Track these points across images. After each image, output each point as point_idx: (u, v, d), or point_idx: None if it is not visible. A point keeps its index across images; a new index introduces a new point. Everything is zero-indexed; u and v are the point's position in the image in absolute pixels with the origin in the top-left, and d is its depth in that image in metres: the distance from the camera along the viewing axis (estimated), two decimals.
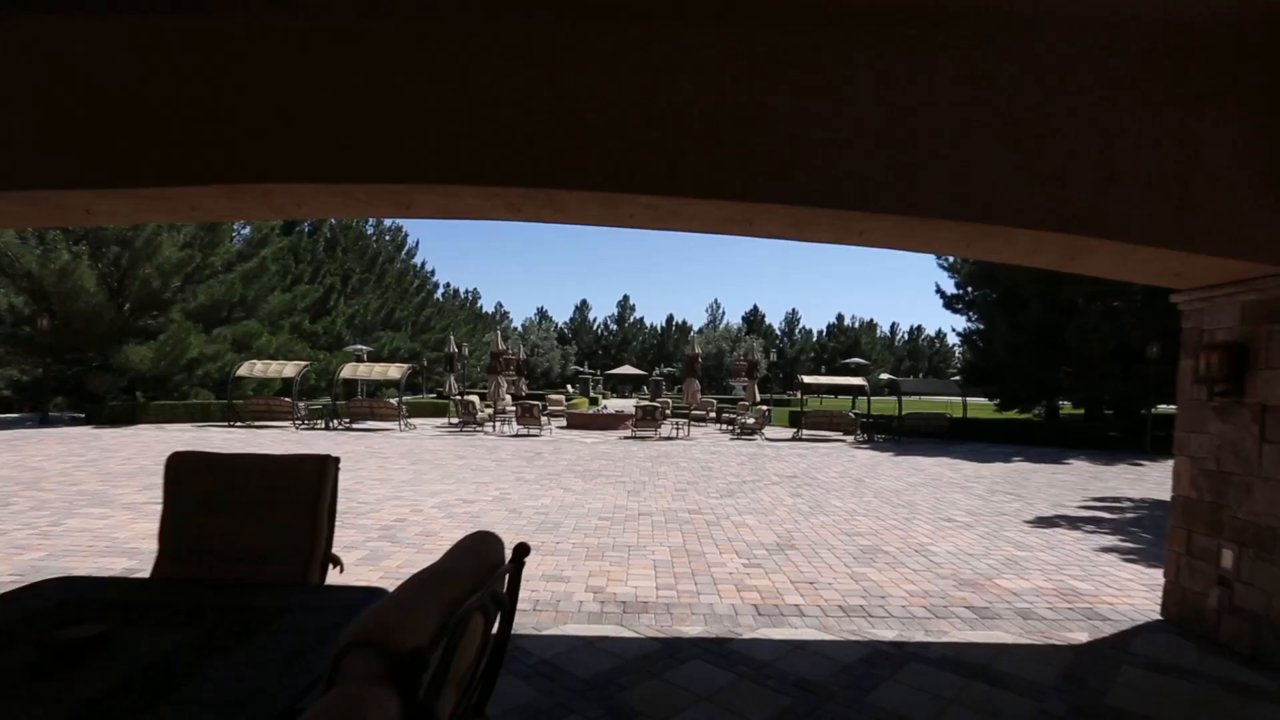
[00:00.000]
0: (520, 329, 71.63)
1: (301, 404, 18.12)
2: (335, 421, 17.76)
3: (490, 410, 17.87)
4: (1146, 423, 16.45)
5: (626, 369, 60.46)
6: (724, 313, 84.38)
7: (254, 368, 17.85)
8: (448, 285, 67.71)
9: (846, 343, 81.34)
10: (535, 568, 5.15)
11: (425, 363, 42.75)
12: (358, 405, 17.57)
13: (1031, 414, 25.06)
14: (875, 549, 6.03)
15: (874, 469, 12.01)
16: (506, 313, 78.19)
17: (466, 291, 70.87)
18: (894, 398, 20.53)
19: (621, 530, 6.53)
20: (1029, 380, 20.25)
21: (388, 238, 44.15)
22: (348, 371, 17.61)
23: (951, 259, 26.24)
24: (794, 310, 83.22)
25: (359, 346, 20.60)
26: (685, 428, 18.20)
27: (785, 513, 7.66)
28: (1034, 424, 18.46)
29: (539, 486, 9.12)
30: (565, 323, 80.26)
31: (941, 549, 6.10)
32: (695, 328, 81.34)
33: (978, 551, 6.03)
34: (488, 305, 75.96)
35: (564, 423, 21.09)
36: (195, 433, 15.74)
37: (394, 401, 17.31)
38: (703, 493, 8.93)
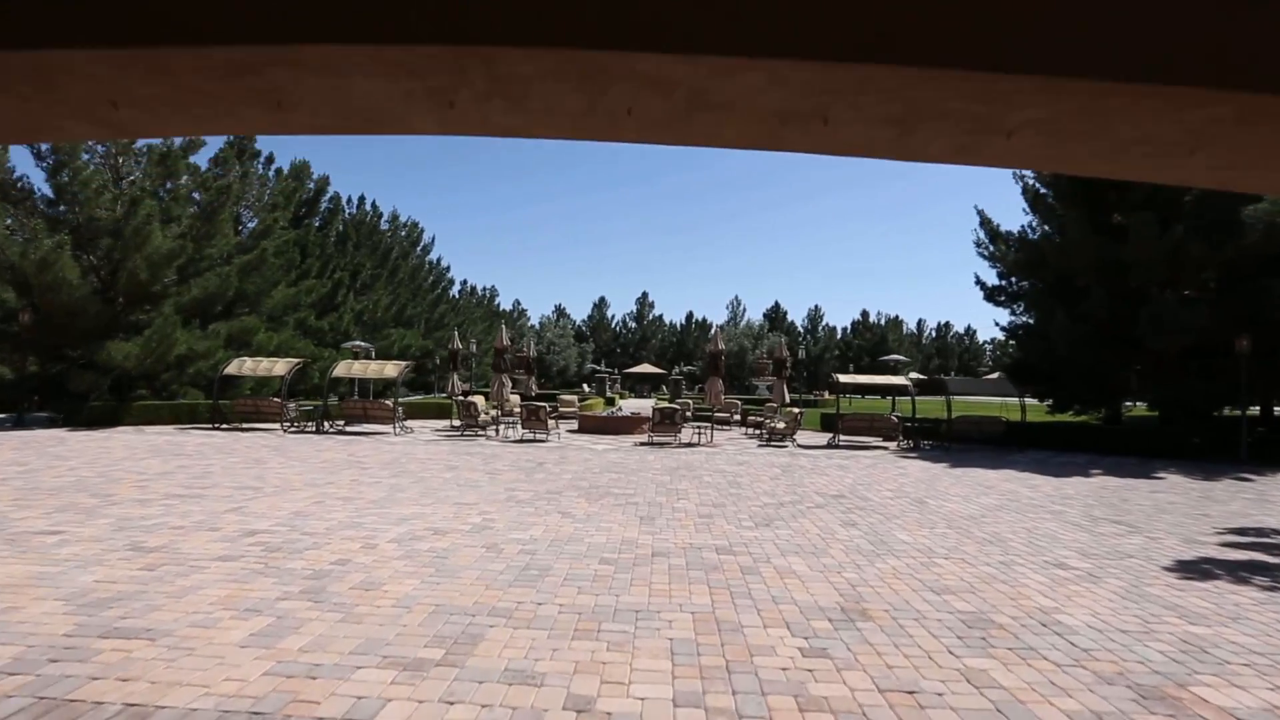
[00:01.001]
0: (537, 326, 70.45)
1: (292, 405, 16.83)
2: (328, 424, 16.43)
3: (495, 412, 16.40)
4: (1241, 427, 14.30)
5: (645, 368, 58.87)
6: (745, 309, 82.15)
7: (243, 365, 16.60)
8: (464, 282, 66.74)
9: (873, 340, 78.67)
10: (497, 655, 3.53)
11: (438, 361, 41.66)
12: (351, 406, 16.21)
13: (1088, 417, 22.86)
14: (982, 619, 4.30)
15: (933, 486, 10.20)
16: (525, 310, 77.12)
17: (484, 289, 69.99)
18: (927, 399, 18.57)
19: (628, 582, 4.89)
20: (1090, 379, 18.11)
21: (403, 233, 43.14)
22: (341, 370, 16.27)
23: (993, 247, 24.18)
24: (817, 307, 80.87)
25: (358, 343, 19.27)
26: (708, 432, 16.52)
27: (841, 552, 5.94)
28: (1101, 429, 16.41)
29: (532, 509, 7.53)
30: (583, 320, 78.95)
31: (1077, 619, 4.34)
32: (715, 324, 79.32)
33: (1132, 626, 4.26)
34: (505, 303, 75.02)
35: (575, 426, 19.53)
36: (172, 436, 14.49)
37: (389, 403, 15.92)
38: (732, 520, 7.25)
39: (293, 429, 16.44)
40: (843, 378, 16.26)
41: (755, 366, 51.30)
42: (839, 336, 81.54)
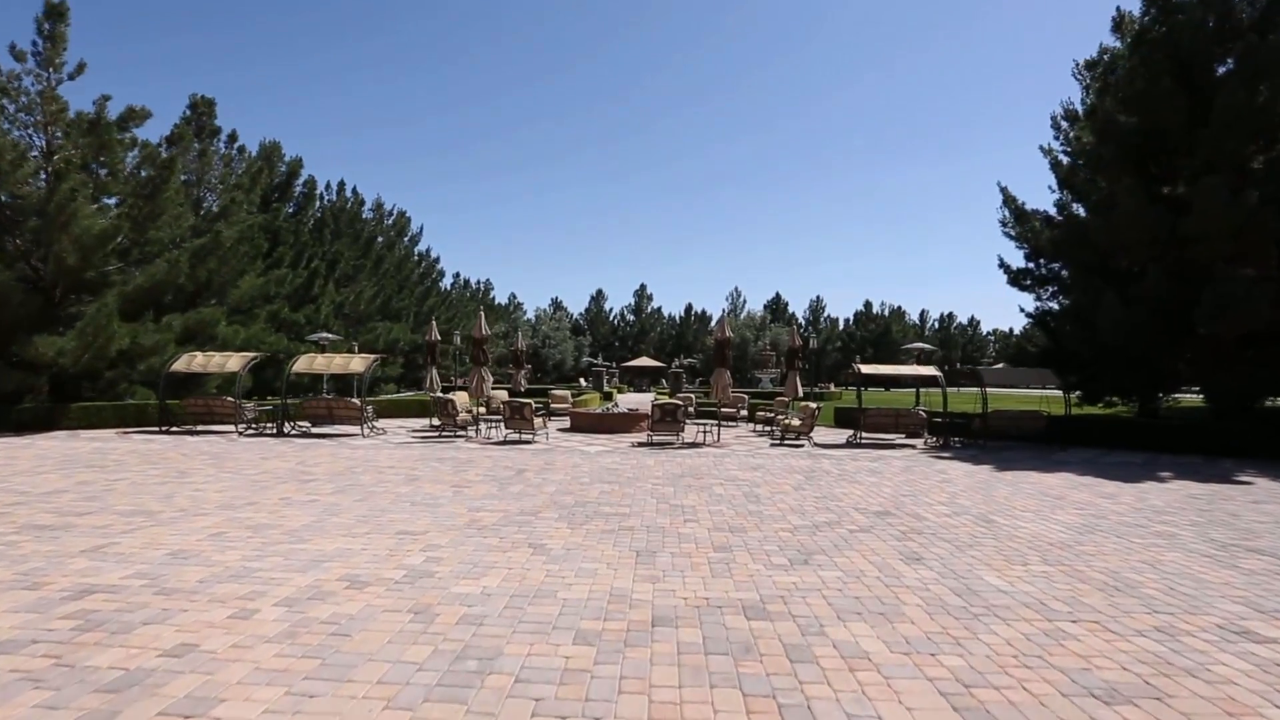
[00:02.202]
0: (532, 319, 68.63)
1: (250, 404, 15.06)
2: (289, 425, 14.65)
3: (476, 410, 14.61)
4: None
5: (644, 361, 57.08)
6: (745, 301, 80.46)
7: (192, 361, 14.79)
8: (457, 275, 64.94)
9: (876, 331, 76.89)
10: None
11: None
12: (314, 405, 14.43)
13: (1124, 409, 21.16)
14: None
15: (990, 496, 8.45)
16: (520, 304, 75.23)
17: (478, 282, 68.08)
18: (932, 390, 16.85)
19: (614, 684, 3.13)
20: (1138, 368, 16.35)
21: (389, 221, 41.23)
22: (302, 365, 14.47)
23: (1019, 227, 22.38)
24: (818, 298, 79.02)
25: (325, 335, 17.43)
26: (714, 430, 14.77)
27: (921, 612, 4.19)
28: (1150, 424, 14.66)
29: (496, 540, 5.77)
30: (580, 314, 77.08)
31: None
32: (715, 317, 77.65)
33: None
34: (501, 296, 73.10)
35: (567, 423, 17.78)
36: (106, 442, 12.70)
37: (356, 401, 14.13)
38: (758, 553, 5.50)
39: (250, 431, 14.67)
40: (865, 368, 14.50)
41: (759, 358, 49.44)
42: (841, 328, 79.78)
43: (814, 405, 13.93)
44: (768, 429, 17.21)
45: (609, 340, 75.38)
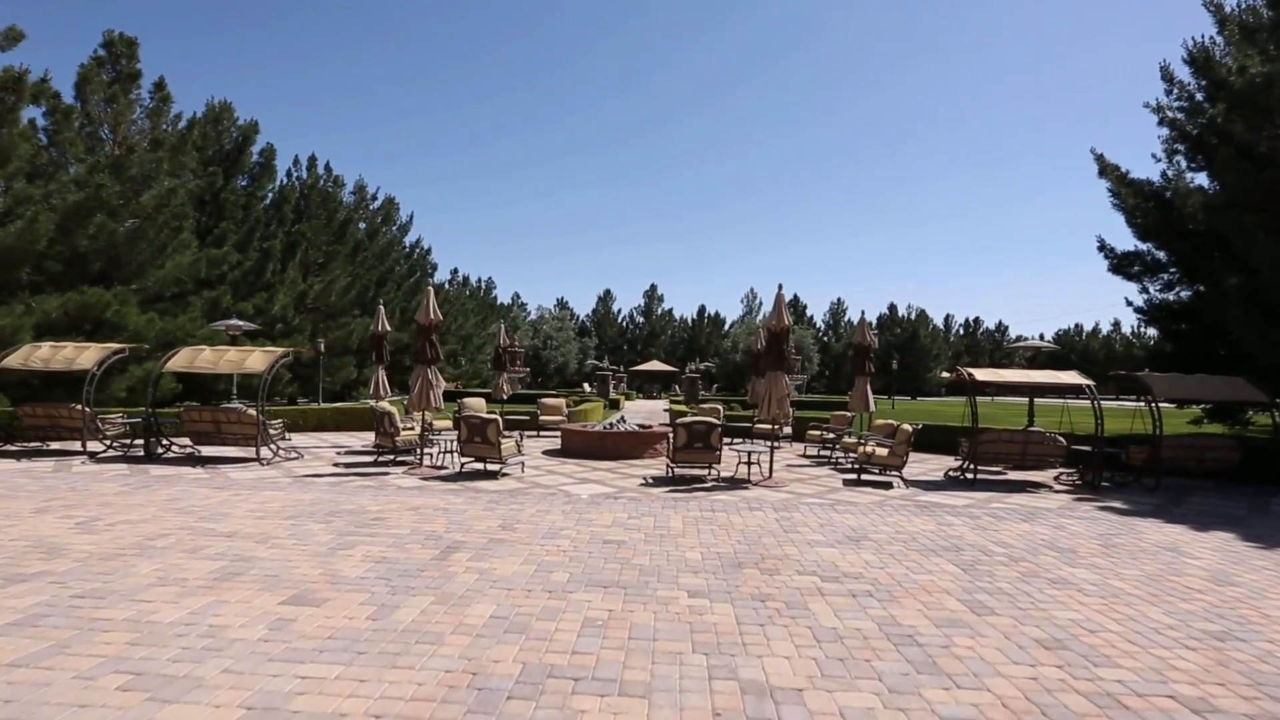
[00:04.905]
0: (533, 317, 64.42)
1: (117, 416, 10.92)
2: (164, 444, 10.45)
3: (415, 428, 10.30)
4: None
5: (654, 365, 52.77)
6: (761, 303, 76.04)
7: (32, 355, 10.62)
8: (455, 271, 60.87)
9: (902, 336, 72.07)
10: None
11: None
12: (195, 418, 10.20)
13: (1235, 428, 16.79)
14: None
15: None
16: (525, 304, 71.14)
17: (479, 279, 64.04)
18: (955, 399, 12.19)
19: None
20: None
21: (374, 206, 37.14)
22: (180, 361, 10.22)
23: (1131, 200, 17.89)
24: (839, 300, 74.39)
25: (235, 322, 13.20)
26: (763, 459, 10.46)
27: None
28: None
29: None
30: (588, 315, 72.83)
31: None
32: (729, 320, 73.12)
33: None
34: (504, 296, 69.06)
35: (557, 442, 13.51)
36: None
37: (251, 412, 9.92)
38: None
39: (114, 450, 10.51)
40: (980, 373, 10.08)
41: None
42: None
43: (908, 427, 9.55)
44: (825, 453, 12.86)
45: (617, 343, 71.16)
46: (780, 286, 9.72)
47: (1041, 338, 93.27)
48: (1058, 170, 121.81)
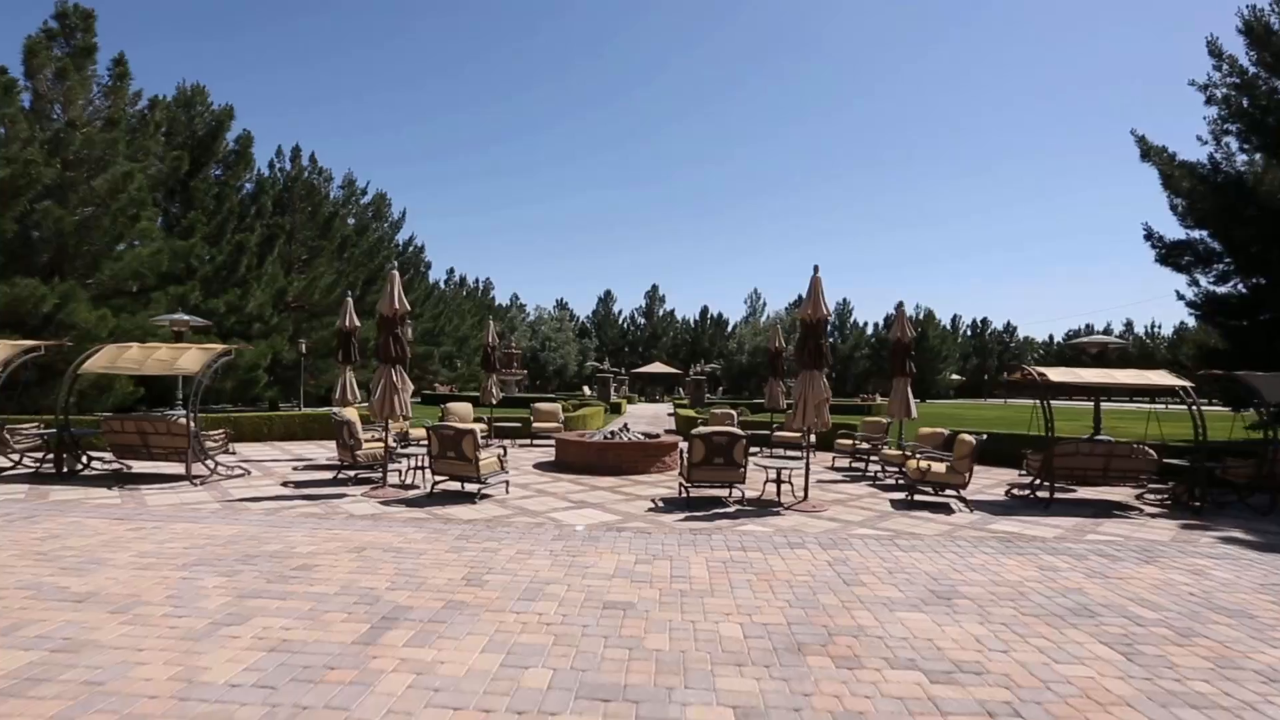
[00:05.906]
0: (531, 320, 62.85)
1: (28, 427, 9.29)
2: (81, 460, 8.81)
3: (375, 442, 8.64)
4: None
5: (656, 367, 51.11)
6: (765, 303, 74.53)
7: None
8: (451, 271, 59.35)
9: (911, 336, 70.30)
10: None
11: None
12: (117, 428, 8.57)
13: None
14: None
15: None
16: (523, 305, 69.56)
17: (476, 280, 62.49)
18: (967, 402, 10.57)
19: None
20: None
21: (365, 200, 35.56)
22: (102, 360, 8.57)
23: (1183, 183, 16.26)
24: (845, 300, 72.58)
25: (179, 316, 11.54)
26: (796, 478, 8.84)
27: None
28: None
29: None
30: (587, 316, 71.17)
31: None
32: (732, 321, 71.42)
33: None
34: (503, 297, 67.53)
35: (552, 453, 11.88)
36: None
37: (183, 421, 8.30)
38: None
39: (27, 464, 8.90)
40: (1054, 373, 8.42)
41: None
42: (869, 334, 73.20)
43: (971, 438, 7.91)
44: (859, 465, 11.22)
45: (618, 345, 69.49)
46: (816, 269, 8.05)
47: (1051, 339, 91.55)
48: (1061, 169, 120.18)
